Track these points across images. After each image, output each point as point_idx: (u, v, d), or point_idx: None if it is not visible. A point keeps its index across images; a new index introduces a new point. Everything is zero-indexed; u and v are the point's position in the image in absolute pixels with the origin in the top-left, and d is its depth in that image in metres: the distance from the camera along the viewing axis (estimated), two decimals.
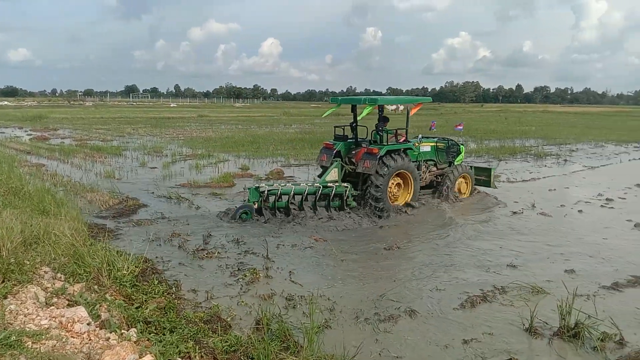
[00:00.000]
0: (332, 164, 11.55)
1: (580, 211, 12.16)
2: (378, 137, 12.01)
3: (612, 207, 12.59)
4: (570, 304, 5.66)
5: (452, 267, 7.94)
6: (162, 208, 11.51)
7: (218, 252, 8.27)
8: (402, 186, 11.86)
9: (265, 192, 10.64)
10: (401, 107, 78.00)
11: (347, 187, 11.30)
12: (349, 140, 12.26)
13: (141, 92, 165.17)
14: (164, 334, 4.86)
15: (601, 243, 9.41)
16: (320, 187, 10.96)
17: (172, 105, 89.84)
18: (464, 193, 13.18)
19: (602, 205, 12.80)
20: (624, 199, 13.66)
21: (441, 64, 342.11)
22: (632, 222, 10.97)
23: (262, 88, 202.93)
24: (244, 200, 11.55)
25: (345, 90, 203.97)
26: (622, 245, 9.34)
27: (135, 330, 4.80)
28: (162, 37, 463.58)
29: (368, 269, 7.81)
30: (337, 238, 9.43)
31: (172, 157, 20.10)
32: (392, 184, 11.52)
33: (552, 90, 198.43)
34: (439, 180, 12.99)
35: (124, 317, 5.15)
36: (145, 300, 5.80)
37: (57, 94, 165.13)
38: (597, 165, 20.53)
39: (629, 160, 22.84)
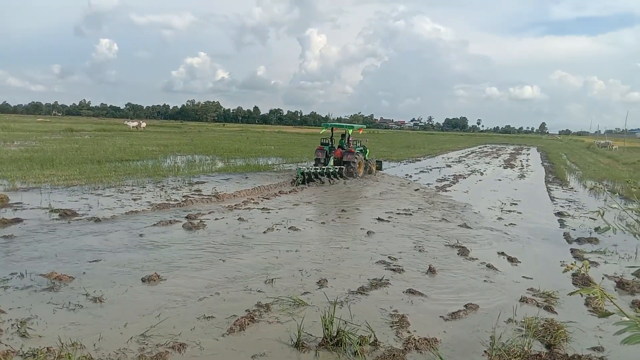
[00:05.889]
0: (328, 157, 23.33)
1: (323, 223, 13.41)
2: (345, 144, 24.30)
3: (348, 218, 14.25)
4: (331, 314, 6.09)
5: (220, 287, 7.75)
6: None
7: None
8: (359, 167, 23.70)
9: (305, 171, 20.83)
10: (143, 124, 75.22)
11: (343, 168, 22.80)
12: (329, 146, 24.33)
13: None
14: None
15: (343, 251, 10.50)
16: (329, 168, 22.04)
17: None
18: (373, 172, 25.60)
19: (339, 217, 14.37)
20: (359, 210, 15.65)
21: (181, 82, 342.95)
22: (365, 230, 12.57)
23: None
24: None
25: (77, 104, 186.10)
26: (358, 251, 10.58)
27: None
28: None
29: (126, 305, 7.03)
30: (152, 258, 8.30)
31: None
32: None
33: (285, 112, 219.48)
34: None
35: None
36: None
37: None
38: None
39: None
